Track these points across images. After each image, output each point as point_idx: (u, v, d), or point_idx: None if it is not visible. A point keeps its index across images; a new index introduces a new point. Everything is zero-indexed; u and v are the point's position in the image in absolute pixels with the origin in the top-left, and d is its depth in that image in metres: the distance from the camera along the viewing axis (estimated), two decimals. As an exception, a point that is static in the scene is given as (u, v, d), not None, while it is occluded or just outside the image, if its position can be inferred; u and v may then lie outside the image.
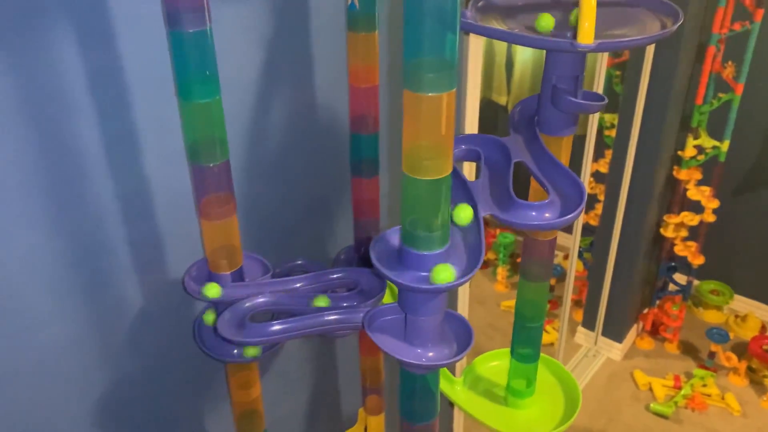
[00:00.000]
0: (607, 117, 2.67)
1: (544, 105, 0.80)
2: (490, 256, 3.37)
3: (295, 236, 1.17)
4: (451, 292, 0.81)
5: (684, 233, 2.64)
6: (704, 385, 2.60)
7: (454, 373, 1.27)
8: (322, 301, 0.89)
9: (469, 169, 1.51)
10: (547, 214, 0.72)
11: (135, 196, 0.90)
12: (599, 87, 2.25)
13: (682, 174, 2.52)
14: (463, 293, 1.71)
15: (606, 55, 2.27)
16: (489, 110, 3.26)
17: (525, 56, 3.08)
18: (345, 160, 1.08)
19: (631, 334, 2.87)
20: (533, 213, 0.72)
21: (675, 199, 2.61)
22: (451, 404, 1.10)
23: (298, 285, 0.87)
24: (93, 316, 0.91)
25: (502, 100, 3.23)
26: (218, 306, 0.87)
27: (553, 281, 3.05)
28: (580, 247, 2.81)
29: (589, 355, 2.81)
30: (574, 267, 2.56)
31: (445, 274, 0.66)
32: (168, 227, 0.95)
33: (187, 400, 1.10)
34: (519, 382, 1.06)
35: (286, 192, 1.12)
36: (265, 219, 1.09)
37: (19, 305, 0.83)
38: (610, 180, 2.58)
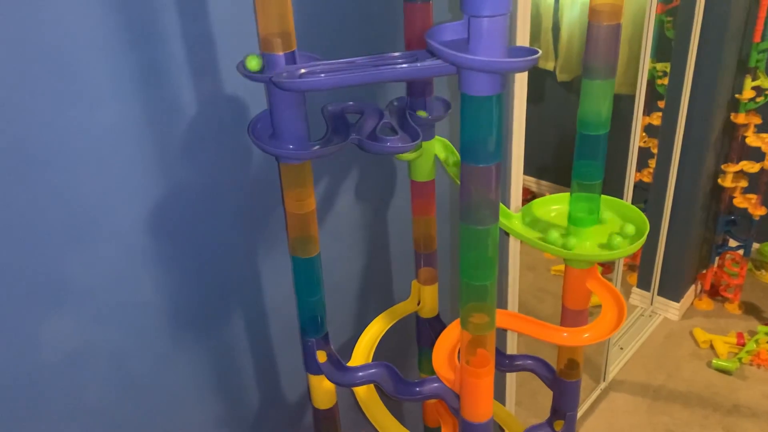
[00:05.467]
0: (659, 66, 2.61)
1: None
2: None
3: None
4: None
5: (744, 183, 2.55)
6: (770, 342, 2.48)
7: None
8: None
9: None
10: None
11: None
12: (649, 34, 2.19)
13: (740, 118, 2.44)
14: (514, 259, 1.66)
15: (656, 1, 2.22)
16: (535, 75, 3.23)
17: (572, 19, 3.05)
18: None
19: (689, 295, 2.76)
20: None
21: (733, 146, 2.52)
22: (507, 234, 1.06)
23: (356, 60, 0.84)
24: (149, 108, 0.90)
25: (549, 65, 3.20)
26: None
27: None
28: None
29: (645, 315, 2.71)
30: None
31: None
32: (222, 27, 0.95)
33: (241, 225, 1.09)
34: (581, 209, 1.02)
35: (339, 27, 1.11)
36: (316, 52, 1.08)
37: (78, 82, 0.83)
38: (663, 130, 2.50)
